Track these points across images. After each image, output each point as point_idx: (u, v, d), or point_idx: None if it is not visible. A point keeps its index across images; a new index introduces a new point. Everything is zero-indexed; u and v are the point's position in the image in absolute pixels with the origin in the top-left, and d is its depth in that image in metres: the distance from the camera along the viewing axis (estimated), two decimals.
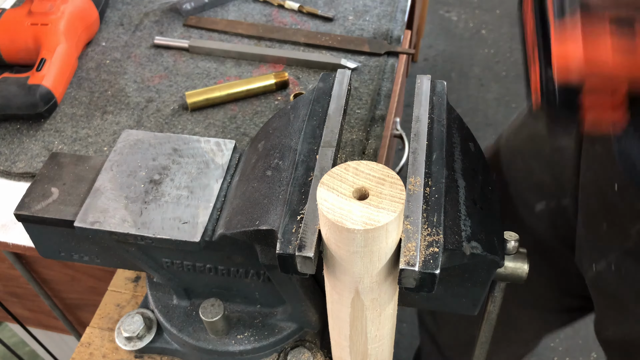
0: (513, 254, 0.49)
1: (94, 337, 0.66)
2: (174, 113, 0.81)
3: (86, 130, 0.79)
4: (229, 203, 0.51)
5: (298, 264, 0.39)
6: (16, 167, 0.75)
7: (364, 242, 0.35)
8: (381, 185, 0.36)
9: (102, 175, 0.54)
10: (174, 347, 0.63)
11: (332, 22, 0.94)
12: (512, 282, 0.50)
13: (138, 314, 0.63)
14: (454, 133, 0.51)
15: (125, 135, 0.57)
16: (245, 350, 0.59)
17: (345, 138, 0.76)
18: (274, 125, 0.54)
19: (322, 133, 0.48)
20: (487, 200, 0.49)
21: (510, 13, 2.79)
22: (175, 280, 0.58)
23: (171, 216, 0.50)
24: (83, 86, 0.85)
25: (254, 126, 0.79)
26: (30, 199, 0.54)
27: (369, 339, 0.45)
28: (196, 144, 0.56)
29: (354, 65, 0.86)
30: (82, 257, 0.58)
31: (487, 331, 0.57)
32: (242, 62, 0.88)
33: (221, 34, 0.93)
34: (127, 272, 0.73)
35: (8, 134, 0.79)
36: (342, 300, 0.41)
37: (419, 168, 0.45)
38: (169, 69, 0.87)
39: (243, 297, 0.60)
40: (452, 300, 0.51)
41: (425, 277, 0.38)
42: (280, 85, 0.83)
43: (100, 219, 0.50)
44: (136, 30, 0.94)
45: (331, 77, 0.54)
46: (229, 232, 0.47)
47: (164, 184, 0.53)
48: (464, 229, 0.43)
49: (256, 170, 0.50)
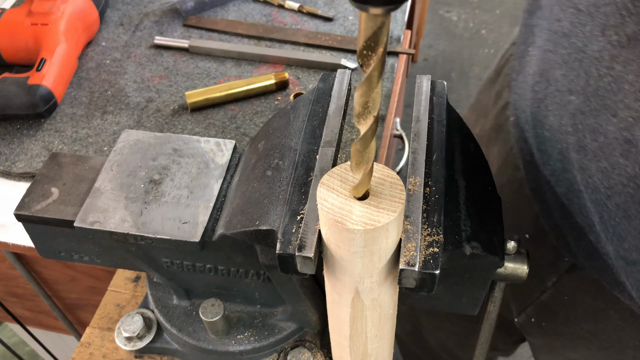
0: (513, 254, 0.49)
1: (94, 337, 0.66)
2: (174, 113, 0.81)
3: (86, 130, 0.79)
4: (229, 203, 0.51)
5: (298, 264, 0.39)
6: (16, 167, 0.74)
7: (364, 242, 0.35)
8: (381, 186, 0.36)
9: (102, 175, 0.54)
10: (174, 347, 0.63)
11: (332, 22, 0.94)
12: (512, 282, 0.50)
13: (138, 314, 0.63)
14: (454, 133, 0.51)
15: (125, 135, 0.57)
16: (245, 350, 0.59)
17: (345, 138, 0.76)
18: (274, 125, 0.54)
19: (322, 133, 0.48)
20: (487, 200, 0.49)
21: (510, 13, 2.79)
22: (175, 280, 0.58)
23: (171, 216, 0.50)
24: (83, 86, 0.85)
25: (254, 126, 0.79)
26: (30, 199, 0.54)
27: (369, 339, 0.45)
28: (196, 144, 0.56)
29: (354, 65, 0.86)
30: (82, 257, 0.58)
31: (487, 331, 0.57)
32: (242, 62, 0.88)
33: (221, 34, 0.93)
34: (127, 272, 0.73)
35: (8, 134, 0.79)
36: (342, 300, 0.41)
37: (419, 168, 0.45)
38: (169, 69, 0.87)
39: (243, 297, 0.60)
40: (452, 300, 0.51)
41: (425, 277, 0.38)
42: (280, 85, 0.83)
43: (100, 219, 0.50)
44: (136, 30, 0.94)
45: (331, 77, 0.54)
46: (229, 232, 0.47)
47: (164, 184, 0.53)
48: (464, 229, 0.43)
49: (256, 170, 0.50)
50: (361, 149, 0.33)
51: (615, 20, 0.42)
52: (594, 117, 0.44)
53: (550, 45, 0.51)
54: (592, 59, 0.44)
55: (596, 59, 0.44)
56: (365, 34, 0.28)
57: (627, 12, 0.41)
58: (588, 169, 0.47)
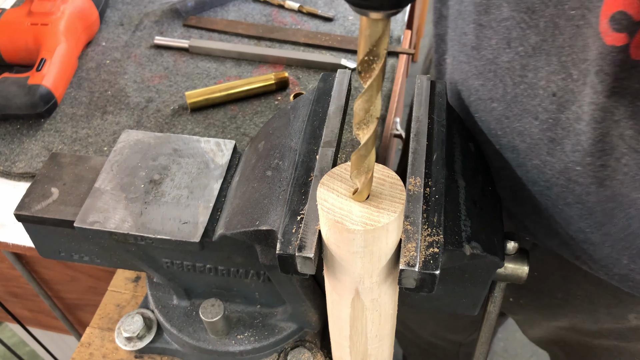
0: (513, 254, 0.49)
1: (94, 337, 0.66)
2: (174, 113, 0.81)
3: (86, 130, 0.79)
4: (229, 203, 0.51)
5: (298, 264, 0.39)
6: (16, 167, 0.74)
7: (364, 243, 0.35)
8: (381, 186, 0.36)
9: (102, 175, 0.54)
10: (174, 347, 0.63)
11: (332, 22, 0.94)
12: (512, 282, 0.50)
13: (138, 314, 0.63)
14: (454, 133, 0.51)
15: (125, 136, 0.57)
16: (245, 350, 0.59)
17: (345, 138, 0.76)
18: (274, 125, 0.54)
19: (322, 133, 0.48)
20: (487, 200, 0.49)
21: None
22: (175, 280, 0.58)
23: (171, 216, 0.50)
24: (83, 86, 0.85)
25: (254, 126, 0.79)
26: (30, 199, 0.54)
27: (369, 339, 0.45)
28: (196, 144, 0.56)
29: (354, 65, 0.86)
30: (82, 257, 0.58)
31: (487, 331, 0.57)
32: (242, 62, 0.88)
33: (221, 34, 0.93)
34: (127, 272, 0.73)
35: (8, 134, 0.79)
36: (342, 300, 0.41)
37: (419, 168, 0.45)
38: (169, 69, 0.87)
39: (243, 297, 0.60)
40: (452, 300, 0.51)
41: (425, 277, 0.38)
42: (280, 85, 0.83)
43: (100, 219, 0.50)
44: (136, 30, 0.94)
45: (331, 77, 0.54)
46: (229, 232, 0.47)
47: (164, 184, 0.53)
48: (464, 229, 0.43)
49: (256, 171, 0.50)
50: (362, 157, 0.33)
51: (517, 33, 0.44)
52: (518, 121, 0.46)
53: (463, 57, 0.53)
54: (504, 69, 0.46)
55: (508, 69, 0.46)
56: (366, 41, 0.28)
57: (526, 25, 0.43)
58: (524, 166, 0.49)
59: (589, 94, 0.39)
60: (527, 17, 0.43)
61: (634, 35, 0.34)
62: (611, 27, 0.35)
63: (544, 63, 0.42)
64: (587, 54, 0.38)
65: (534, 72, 0.44)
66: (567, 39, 0.40)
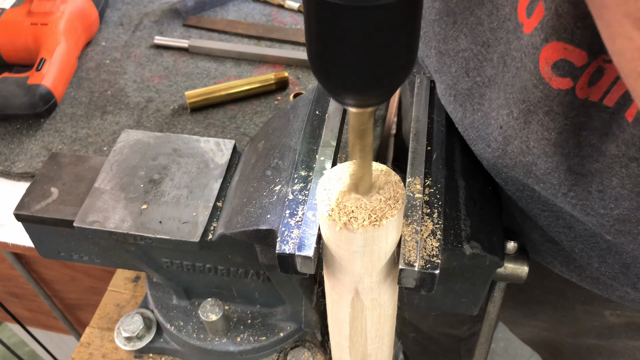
0: (513, 254, 0.49)
1: (94, 337, 0.66)
2: (174, 113, 0.81)
3: (86, 130, 0.79)
4: (229, 203, 0.51)
5: (298, 264, 0.39)
6: (16, 167, 0.74)
7: (363, 242, 0.35)
8: (381, 185, 0.36)
9: (101, 175, 0.54)
10: (173, 347, 0.63)
11: None
12: (512, 282, 0.50)
13: (138, 314, 0.63)
14: (454, 133, 0.51)
15: (125, 135, 0.57)
16: (245, 350, 0.59)
17: (345, 138, 0.76)
18: (273, 125, 0.54)
19: (322, 133, 0.48)
20: (487, 200, 0.49)
21: None
22: (174, 280, 0.58)
23: (171, 216, 0.50)
24: (83, 86, 0.85)
25: (254, 126, 0.79)
26: (30, 199, 0.54)
27: (369, 339, 0.45)
28: (196, 143, 0.56)
29: None
30: (82, 257, 0.58)
31: (487, 331, 0.57)
32: (242, 62, 0.88)
33: (221, 34, 0.93)
34: (127, 272, 0.73)
35: (8, 134, 0.79)
36: (341, 300, 0.41)
37: (419, 168, 0.45)
38: (169, 69, 0.87)
39: (243, 297, 0.60)
40: (452, 300, 0.51)
41: (425, 277, 0.38)
42: (280, 85, 0.83)
43: (100, 219, 0.50)
44: (136, 30, 0.94)
45: None
46: (228, 232, 0.47)
47: (163, 184, 0.53)
48: (464, 229, 0.43)
49: (256, 170, 0.50)
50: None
51: (474, 64, 0.46)
52: (474, 145, 0.49)
53: (431, 75, 0.55)
54: (464, 95, 0.48)
55: (467, 95, 0.48)
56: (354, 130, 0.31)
57: (483, 57, 0.45)
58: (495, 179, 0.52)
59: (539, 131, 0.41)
60: (483, 50, 0.45)
61: (578, 79, 0.37)
62: (555, 74, 0.37)
63: (496, 96, 0.44)
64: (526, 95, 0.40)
65: (489, 102, 0.46)
66: (510, 78, 0.42)
